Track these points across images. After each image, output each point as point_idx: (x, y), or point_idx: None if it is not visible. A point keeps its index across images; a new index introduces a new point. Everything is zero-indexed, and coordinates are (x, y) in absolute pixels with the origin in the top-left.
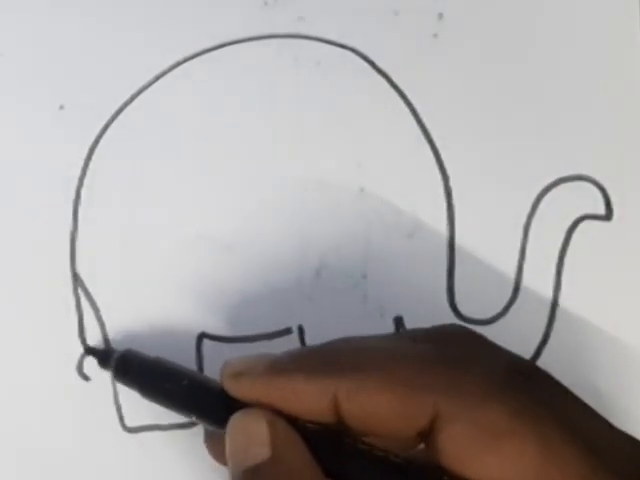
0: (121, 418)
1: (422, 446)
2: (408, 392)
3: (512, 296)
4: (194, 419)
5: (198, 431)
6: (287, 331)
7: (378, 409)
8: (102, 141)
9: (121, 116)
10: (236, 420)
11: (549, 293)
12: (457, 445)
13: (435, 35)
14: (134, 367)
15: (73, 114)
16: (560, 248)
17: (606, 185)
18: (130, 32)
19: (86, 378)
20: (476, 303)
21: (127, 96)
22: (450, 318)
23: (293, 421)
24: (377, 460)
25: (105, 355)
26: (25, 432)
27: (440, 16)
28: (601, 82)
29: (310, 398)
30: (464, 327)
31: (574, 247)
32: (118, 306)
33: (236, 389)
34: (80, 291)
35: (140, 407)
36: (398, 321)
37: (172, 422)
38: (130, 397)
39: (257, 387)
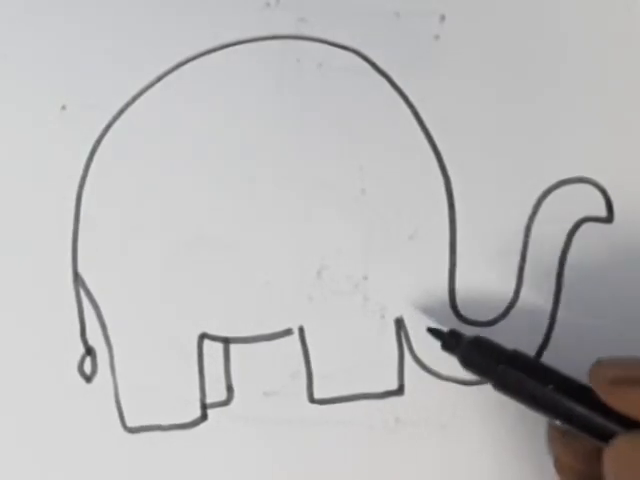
0: (122, 418)
1: None
2: None
3: (513, 298)
4: (558, 422)
5: (199, 431)
6: (288, 332)
7: None
8: (104, 141)
9: (123, 117)
10: (623, 443)
11: (550, 295)
12: None
13: (437, 37)
14: (488, 356)
15: (75, 114)
16: (561, 250)
17: (607, 187)
18: (132, 33)
19: (87, 378)
20: (477, 305)
21: (129, 97)
22: (451, 320)
23: None
24: None
25: (452, 337)
26: (26, 432)
27: (442, 18)
28: (603, 84)
29: None
30: None
31: (575, 249)
32: (119, 306)
33: (619, 399)
34: (81, 291)
35: (141, 407)
36: (399, 323)
37: (173, 422)
38: (131, 397)
39: None
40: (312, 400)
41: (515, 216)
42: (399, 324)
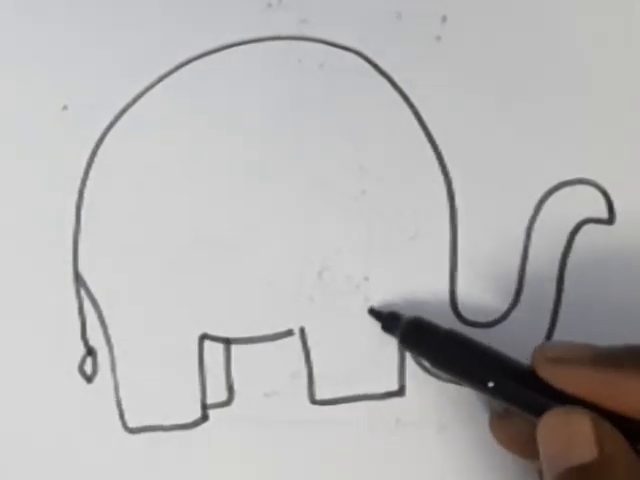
0: (123, 418)
1: None
2: None
3: (514, 299)
4: (490, 393)
5: (199, 432)
6: (289, 332)
7: None
8: (105, 142)
9: (124, 117)
10: (556, 416)
11: (551, 297)
12: None
13: (438, 38)
14: (425, 335)
15: (76, 114)
16: (562, 251)
17: (608, 189)
18: (134, 33)
19: (88, 378)
20: (478, 306)
21: (130, 97)
22: (452, 321)
23: (611, 418)
24: None
25: (391, 319)
26: (27, 433)
27: (444, 19)
28: (604, 85)
29: None
30: None
31: (576, 250)
32: (120, 306)
33: (556, 376)
34: (82, 291)
35: (141, 407)
36: None
37: (173, 423)
38: (132, 398)
39: (581, 377)
40: (313, 401)
41: (516, 217)
42: None
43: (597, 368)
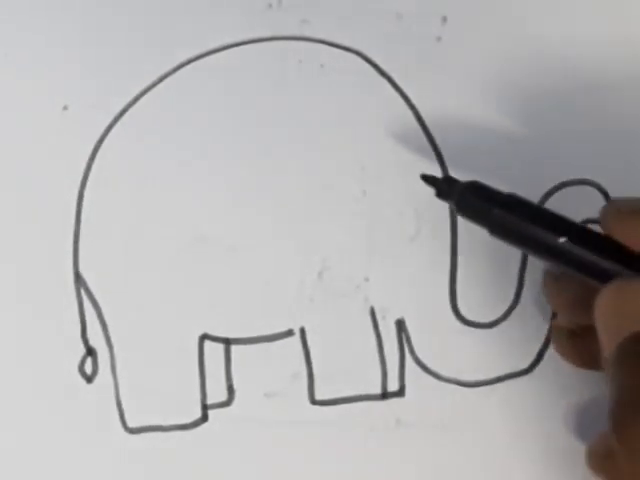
0: (122, 418)
1: None
2: None
3: (514, 300)
4: (556, 254)
5: (199, 432)
6: (289, 333)
7: None
8: (105, 142)
9: (125, 117)
10: (620, 287)
11: None
12: None
13: (439, 38)
14: (485, 198)
15: (77, 114)
16: None
17: (609, 189)
18: (134, 33)
19: (88, 378)
20: (478, 306)
21: (131, 97)
22: (452, 321)
23: None
24: None
25: (446, 183)
26: (26, 432)
27: (444, 19)
28: (605, 85)
29: None
30: None
31: None
32: (120, 306)
33: (627, 230)
34: (82, 291)
35: (141, 408)
36: (400, 324)
37: (173, 423)
38: (132, 398)
39: None
40: (313, 401)
41: None
42: (400, 325)
43: None
